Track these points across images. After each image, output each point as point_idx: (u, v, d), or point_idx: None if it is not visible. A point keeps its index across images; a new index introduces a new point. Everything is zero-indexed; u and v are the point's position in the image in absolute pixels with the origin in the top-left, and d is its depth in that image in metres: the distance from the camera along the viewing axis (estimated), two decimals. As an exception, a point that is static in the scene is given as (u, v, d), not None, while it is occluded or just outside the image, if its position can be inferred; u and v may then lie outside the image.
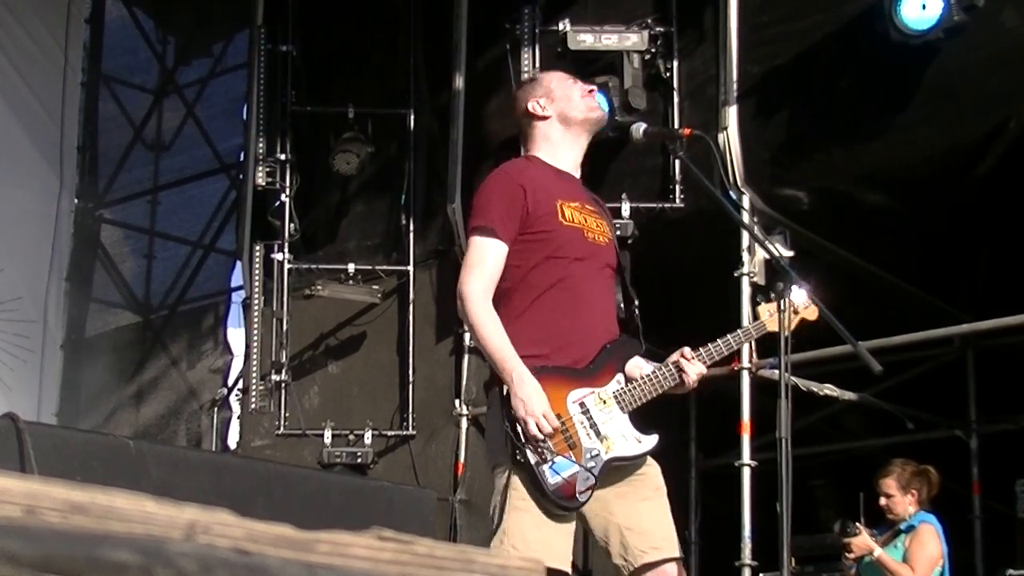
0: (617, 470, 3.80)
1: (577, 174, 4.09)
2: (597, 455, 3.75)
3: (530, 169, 4.00)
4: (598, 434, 3.77)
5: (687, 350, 3.91)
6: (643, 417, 3.91)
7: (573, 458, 3.70)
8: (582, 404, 3.79)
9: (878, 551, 6.31)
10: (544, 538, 3.64)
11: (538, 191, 3.88)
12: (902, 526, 6.44)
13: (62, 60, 10.86)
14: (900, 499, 6.43)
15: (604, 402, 3.81)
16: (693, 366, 3.88)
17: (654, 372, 3.90)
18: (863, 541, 6.31)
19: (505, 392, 3.70)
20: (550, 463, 3.67)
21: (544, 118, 4.06)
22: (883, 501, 6.46)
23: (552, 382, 3.73)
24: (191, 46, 11.23)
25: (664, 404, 3.97)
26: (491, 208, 3.86)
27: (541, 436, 3.65)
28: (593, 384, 3.82)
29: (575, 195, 3.98)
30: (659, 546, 3.80)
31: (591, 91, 4.17)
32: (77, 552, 0.91)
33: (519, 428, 3.66)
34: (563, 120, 4.05)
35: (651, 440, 3.85)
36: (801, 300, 4.04)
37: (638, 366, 3.96)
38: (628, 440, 3.81)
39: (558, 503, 3.69)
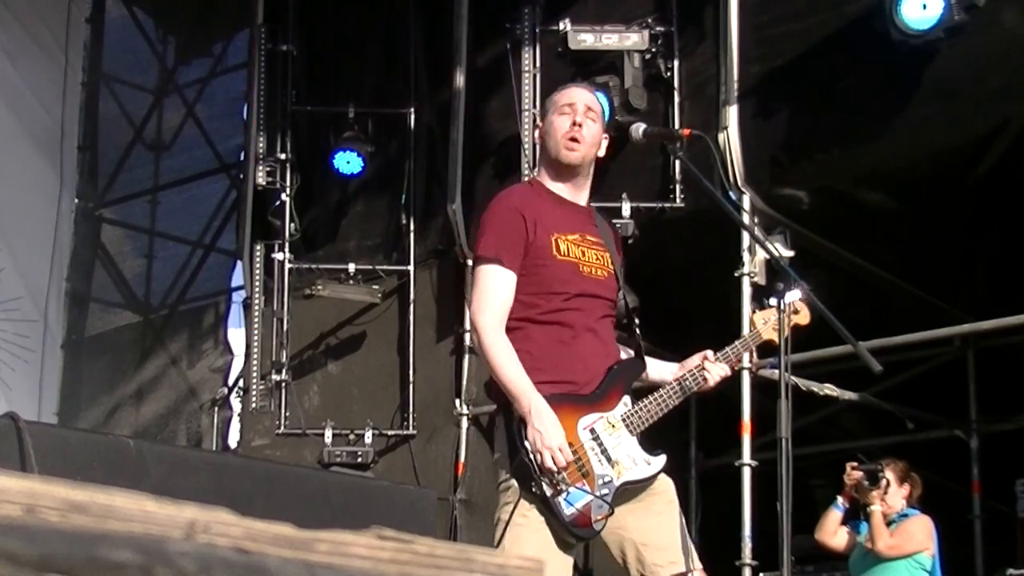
0: (629, 491, 3.81)
1: (582, 202, 4.00)
2: (609, 481, 3.75)
3: (530, 196, 3.94)
4: (609, 460, 3.77)
5: (710, 353, 3.93)
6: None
7: (587, 487, 3.70)
8: (592, 430, 3.78)
9: (876, 506, 6.41)
10: (542, 555, 3.62)
11: (537, 222, 3.83)
12: (894, 516, 6.48)
13: (62, 60, 10.87)
14: (896, 490, 6.48)
15: (613, 426, 3.80)
16: (717, 367, 3.90)
17: (668, 387, 3.90)
18: (876, 493, 6.37)
19: (517, 419, 3.68)
20: (565, 494, 3.67)
21: (541, 139, 4.03)
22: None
23: (562, 409, 3.71)
24: (191, 46, 11.23)
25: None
26: (495, 236, 3.82)
27: (555, 468, 3.64)
28: (601, 409, 3.82)
29: (575, 226, 3.92)
30: (676, 560, 3.80)
31: (578, 127, 3.90)
32: (77, 551, 0.91)
33: (535, 459, 3.65)
34: (543, 152, 4.00)
35: (660, 461, 3.85)
36: (795, 303, 4.03)
37: (669, 371, 3.99)
38: (638, 464, 3.81)
39: (574, 533, 3.71)
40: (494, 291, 3.78)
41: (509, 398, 3.72)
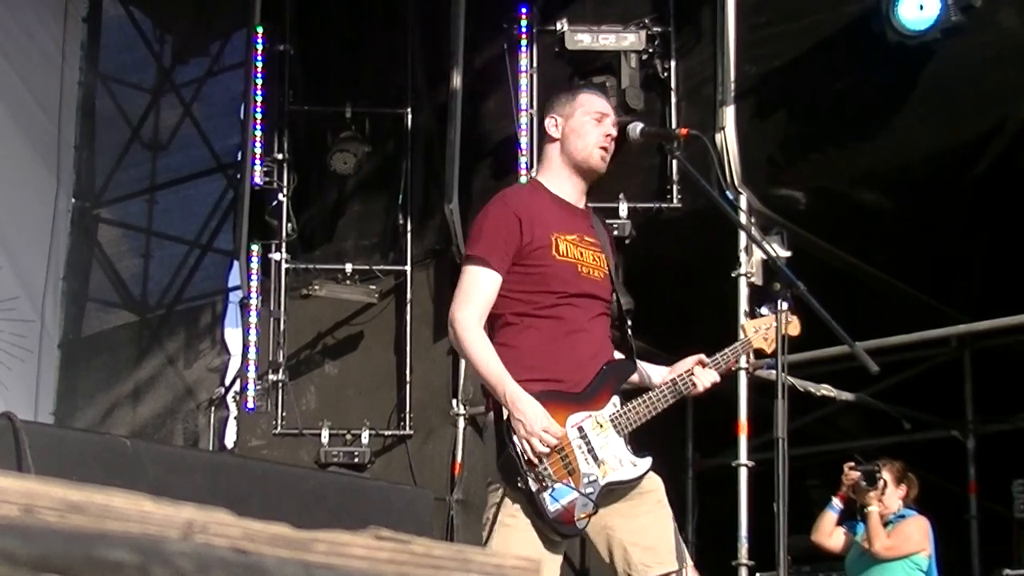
0: (615, 492, 3.82)
1: (580, 204, 4.03)
2: (595, 480, 3.75)
3: (530, 198, 3.96)
4: (595, 458, 3.78)
5: (704, 357, 3.95)
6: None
7: (572, 484, 3.71)
8: (580, 428, 3.79)
9: (873, 507, 6.41)
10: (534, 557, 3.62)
11: (535, 223, 3.85)
12: (891, 517, 6.49)
13: (59, 58, 10.85)
14: (893, 490, 6.49)
15: (601, 426, 3.81)
16: (707, 374, 3.92)
17: (657, 390, 3.91)
18: (874, 493, 6.38)
19: (505, 416, 3.70)
20: (550, 490, 3.68)
21: (552, 139, 4.01)
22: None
23: (551, 406, 3.72)
24: (188, 45, 11.22)
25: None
26: (486, 238, 3.85)
27: (547, 451, 3.66)
28: (590, 408, 3.83)
29: (574, 227, 3.94)
30: (663, 560, 3.83)
31: (610, 139, 3.99)
32: (74, 551, 0.91)
33: (521, 452, 3.66)
34: (564, 151, 3.98)
35: (645, 463, 3.86)
36: (786, 314, 4.03)
37: (659, 374, 4.00)
38: (624, 465, 3.82)
39: (557, 530, 3.72)
40: (477, 290, 3.81)
41: (487, 387, 3.76)
